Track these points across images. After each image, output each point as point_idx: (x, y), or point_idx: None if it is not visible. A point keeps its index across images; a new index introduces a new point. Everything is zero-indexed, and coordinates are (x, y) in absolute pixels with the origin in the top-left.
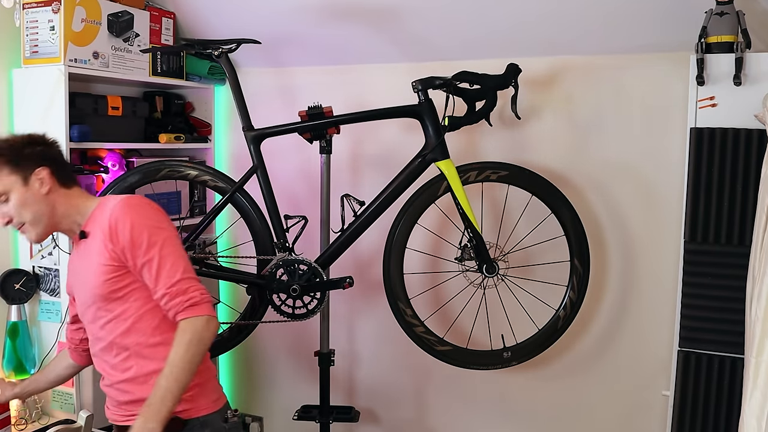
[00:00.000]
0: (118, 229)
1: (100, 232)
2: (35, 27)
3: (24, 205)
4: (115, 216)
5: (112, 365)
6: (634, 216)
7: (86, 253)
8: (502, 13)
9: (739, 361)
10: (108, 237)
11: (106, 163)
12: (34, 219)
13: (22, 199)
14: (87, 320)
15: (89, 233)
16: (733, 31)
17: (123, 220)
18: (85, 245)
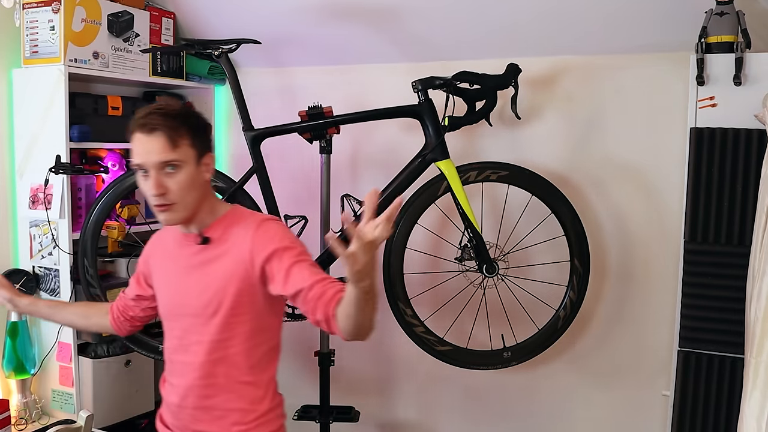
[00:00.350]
0: (263, 239)
1: (236, 248)
2: (35, 27)
3: (190, 185)
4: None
5: (191, 386)
6: (634, 216)
7: (204, 260)
8: (502, 13)
9: (739, 361)
10: (249, 249)
11: (106, 163)
12: (188, 203)
13: (191, 177)
14: (176, 330)
15: (213, 241)
16: (733, 31)
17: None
18: (202, 252)
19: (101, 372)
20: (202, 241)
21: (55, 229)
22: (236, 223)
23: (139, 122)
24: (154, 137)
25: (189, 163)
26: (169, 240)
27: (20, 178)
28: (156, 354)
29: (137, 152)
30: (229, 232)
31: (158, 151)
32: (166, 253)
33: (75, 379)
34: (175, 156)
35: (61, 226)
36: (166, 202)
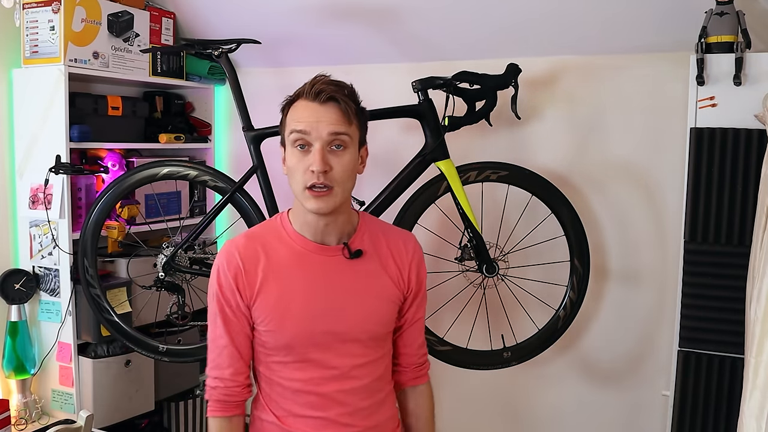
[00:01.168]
0: (420, 273)
1: (393, 262)
2: (35, 27)
3: (351, 171)
4: (419, 259)
5: (354, 411)
6: (634, 216)
7: (361, 277)
8: (502, 13)
9: (739, 361)
10: (406, 275)
11: (106, 163)
12: (345, 192)
13: (354, 162)
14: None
15: (365, 254)
16: (733, 31)
17: (423, 266)
18: (353, 267)
19: (101, 372)
20: (352, 254)
21: (55, 229)
22: (381, 235)
23: (312, 89)
24: (328, 107)
25: (354, 146)
26: (282, 254)
27: (20, 178)
28: (156, 354)
29: (302, 118)
30: (377, 245)
31: (332, 122)
32: (284, 270)
33: (75, 379)
34: (348, 130)
35: (61, 226)
36: (328, 183)
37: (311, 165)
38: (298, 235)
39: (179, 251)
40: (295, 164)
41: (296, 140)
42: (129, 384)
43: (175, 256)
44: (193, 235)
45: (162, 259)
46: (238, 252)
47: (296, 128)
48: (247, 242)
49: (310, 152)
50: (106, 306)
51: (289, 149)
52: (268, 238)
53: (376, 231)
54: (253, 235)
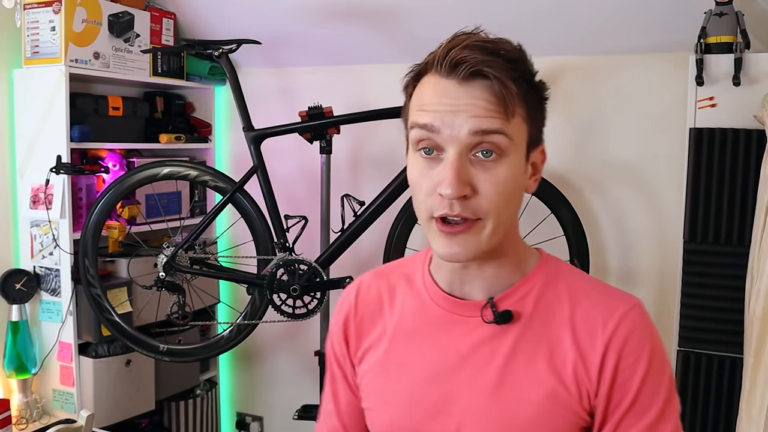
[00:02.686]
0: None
1: (571, 343)
2: (36, 27)
3: (510, 191)
4: (628, 343)
5: None
6: (634, 216)
7: (500, 355)
8: (501, 13)
9: (739, 361)
10: (595, 368)
11: (106, 163)
12: (500, 224)
13: (514, 177)
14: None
15: (520, 319)
16: (733, 32)
17: (641, 359)
18: (496, 338)
19: (102, 372)
20: (497, 317)
21: (56, 229)
22: (567, 295)
23: (448, 57)
24: (472, 87)
25: (517, 151)
26: (407, 303)
27: (21, 178)
28: (156, 353)
29: (429, 105)
30: (552, 310)
31: (477, 112)
32: (402, 327)
33: (76, 378)
34: (505, 127)
35: (61, 226)
36: (468, 214)
37: (440, 184)
38: (430, 279)
39: (180, 251)
40: (417, 178)
41: (419, 140)
42: (129, 384)
43: (175, 256)
44: (194, 235)
45: (162, 259)
46: (357, 290)
47: (419, 121)
48: (372, 280)
49: (440, 162)
50: (106, 306)
51: (411, 153)
52: (400, 278)
53: (558, 288)
54: (385, 271)
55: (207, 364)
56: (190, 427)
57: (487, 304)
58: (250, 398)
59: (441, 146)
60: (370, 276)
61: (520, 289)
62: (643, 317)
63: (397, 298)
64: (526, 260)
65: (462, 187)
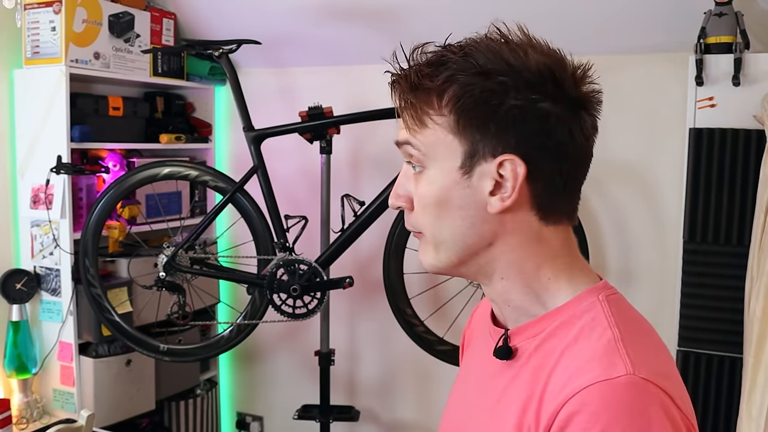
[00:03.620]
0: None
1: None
2: (36, 28)
3: (436, 203)
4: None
5: None
6: (634, 216)
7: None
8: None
9: (739, 361)
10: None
11: (106, 163)
12: (440, 237)
13: (437, 188)
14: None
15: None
16: (732, 32)
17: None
18: (496, 368)
19: (102, 371)
20: (497, 351)
21: (56, 229)
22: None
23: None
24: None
25: (441, 165)
26: (482, 324)
27: (21, 178)
28: (156, 353)
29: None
30: (546, 353)
31: (400, 125)
32: (470, 347)
33: (76, 378)
34: (411, 139)
35: (62, 226)
36: (410, 227)
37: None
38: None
39: (180, 251)
40: None
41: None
42: (130, 383)
43: (175, 256)
44: (194, 235)
45: (163, 259)
46: (479, 305)
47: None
48: (482, 303)
49: None
50: (106, 306)
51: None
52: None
53: (569, 332)
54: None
55: (207, 364)
56: (190, 427)
57: (503, 335)
58: (250, 398)
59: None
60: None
61: (536, 325)
62: (609, 397)
63: (482, 321)
64: (555, 292)
65: (395, 199)
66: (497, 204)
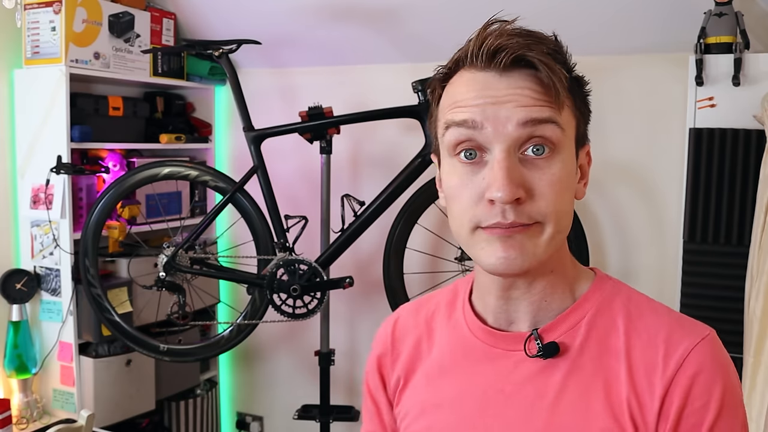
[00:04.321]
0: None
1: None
2: (36, 28)
3: (567, 191)
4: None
5: None
6: (634, 216)
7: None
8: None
9: (738, 361)
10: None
11: (106, 163)
12: (560, 231)
13: (569, 175)
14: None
15: (568, 352)
16: (732, 32)
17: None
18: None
19: (102, 371)
20: (542, 350)
21: (56, 229)
22: (625, 322)
23: (483, 48)
24: (515, 77)
25: (569, 147)
26: (444, 338)
27: (21, 178)
28: (156, 353)
29: (467, 100)
30: (607, 340)
31: (524, 102)
32: (438, 365)
33: (76, 378)
34: (556, 117)
35: (62, 226)
36: (525, 220)
37: (489, 188)
38: (471, 311)
39: (180, 251)
40: (458, 188)
41: (458, 142)
42: (130, 383)
43: (175, 256)
44: (194, 235)
45: (163, 258)
46: (394, 325)
47: (455, 119)
48: (410, 313)
49: (484, 165)
50: (107, 306)
51: (447, 161)
52: (439, 310)
53: (614, 314)
54: (424, 303)
55: (207, 364)
56: (190, 427)
57: (531, 335)
58: (250, 398)
59: (484, 146)
60: (408, 309)
61: (570, 317)
62: (714, 352)
63: (435, 333)
64: (578, 282)
65: (515, 189)
66: (582, 191)
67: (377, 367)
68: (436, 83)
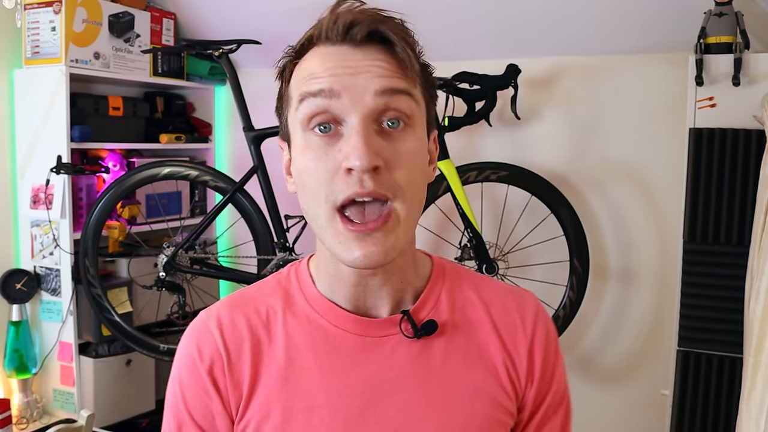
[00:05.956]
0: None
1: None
2: (36, 28)
3: (420, 167)
4: (546, 337)
5: None
6: (634, 216)
7: (429, 369)
8: (501, 13)
9: (738, 361)
10: (524, 366)
11: (106, 163)
12: (413, 211)
13: (421, 151)
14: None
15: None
16: (732, 32)
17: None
18: (418, 354)
19: (102, 371)
20: (421, 330)
21: (56, 229)
22: (474, 295)
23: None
24: (370, 50)
25: (422, 126)
26: (296, 335)
27: (21, 178)
28: (156, 353)
29: (322, 71)
30: (466, 312)
31: (381, 73)
32: (298, 365)
33: (76, 378)
34: (411, 89)
35: (62, 226)
36: (384, 190)
37: (346, 158)
38: (324, 300)
39: (180, 251)
40: (313, 162)
41: (313, 114)
42: (130, 383)
43: (175, 256)
44: (194, 235)
45: (163, 258)
46: (219, 329)
47: (311, 89)
48: (233, 312)
49: (339, 137)
50: (107, 306)
51: (299, 138)
52: (271, 306)
53: (464, 290)
54: (244, 301)
55: None
56: None
57: (403, 317)
58: None
59: (340, 117)
60: (225, 308)
61: (429, 297)
62: (544, 309)
63: (278, 333)
64: (422, 264)
65: (374, 157)
66: (432, 174)
67: (211, 381)
68: (287, 62)
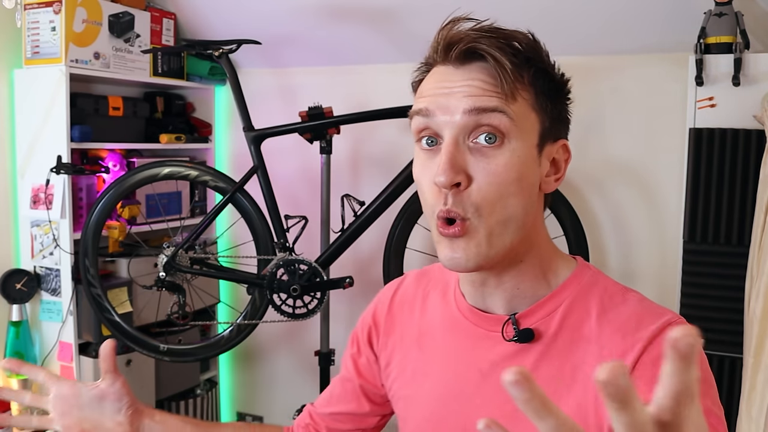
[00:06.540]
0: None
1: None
2: (36, 28)
3: (509, 183)
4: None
5: None
6: (634, 216)
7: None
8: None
9: (738, 361)
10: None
11: (106, 163)
12: (497, 227)
13: (515, 167)
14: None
15: (542, 338)
16: (732, 32)
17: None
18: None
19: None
20: (517, 335)
21: (56, 229)
22: (597, 311)
23: (443, 42)
24: (468, 69)
25: (525, 140)
26: (437, 313)
27: (21, 178)
28: (156, 353)
29: (426, 89)
30: (579, 328)
31: (471, 92)
32: (429, 337)
33: (76, 378)
34: (505, 107)
35: (62, 226)
36: (459, 209)
37: (436, 173)
38: (459, 291)
39: (180, 251)
40: (419, 172)
41: (419, 130)
42: (130, 383)
43: (175, 256)
44: (194, 235)
45: (163, 258)
46: (397, 287)
47: (415, 108)
48: (414, 280)
49: (439, 152)
50: (107, 306)
51: (416, 148)
52: (438, 284)
53: (590, 303)
54: (427, 273)
55: (207, 364)
56: None
57: (508, 320)
58: (250, 398)
59: (438, 134)
60: (414, 275)
61: (546, 305)
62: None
63: (429, 304)
64: (556, 270)
65: (454, 174)
66: (552, 185)
67: (372, 319)
68: (415, 83)
